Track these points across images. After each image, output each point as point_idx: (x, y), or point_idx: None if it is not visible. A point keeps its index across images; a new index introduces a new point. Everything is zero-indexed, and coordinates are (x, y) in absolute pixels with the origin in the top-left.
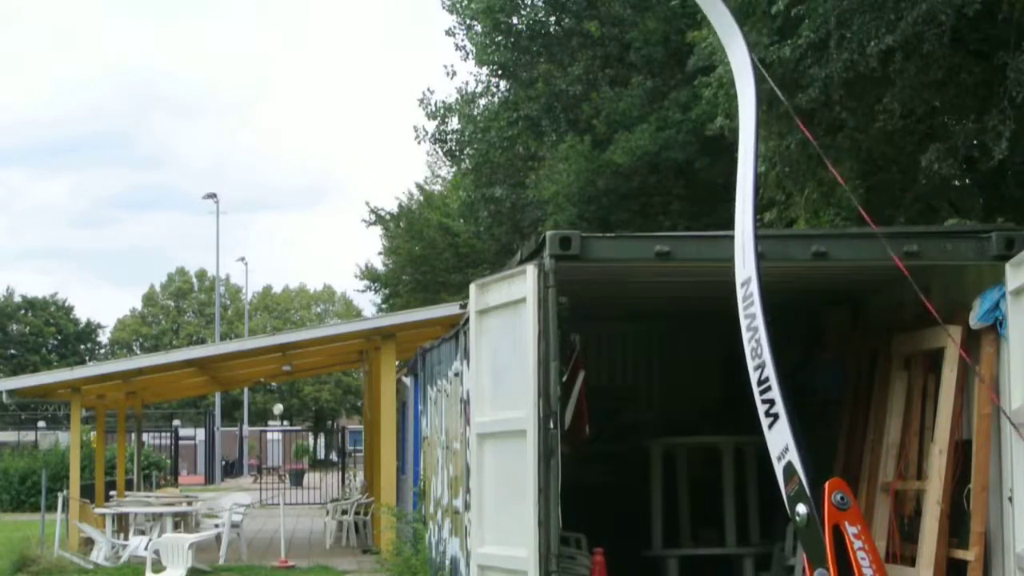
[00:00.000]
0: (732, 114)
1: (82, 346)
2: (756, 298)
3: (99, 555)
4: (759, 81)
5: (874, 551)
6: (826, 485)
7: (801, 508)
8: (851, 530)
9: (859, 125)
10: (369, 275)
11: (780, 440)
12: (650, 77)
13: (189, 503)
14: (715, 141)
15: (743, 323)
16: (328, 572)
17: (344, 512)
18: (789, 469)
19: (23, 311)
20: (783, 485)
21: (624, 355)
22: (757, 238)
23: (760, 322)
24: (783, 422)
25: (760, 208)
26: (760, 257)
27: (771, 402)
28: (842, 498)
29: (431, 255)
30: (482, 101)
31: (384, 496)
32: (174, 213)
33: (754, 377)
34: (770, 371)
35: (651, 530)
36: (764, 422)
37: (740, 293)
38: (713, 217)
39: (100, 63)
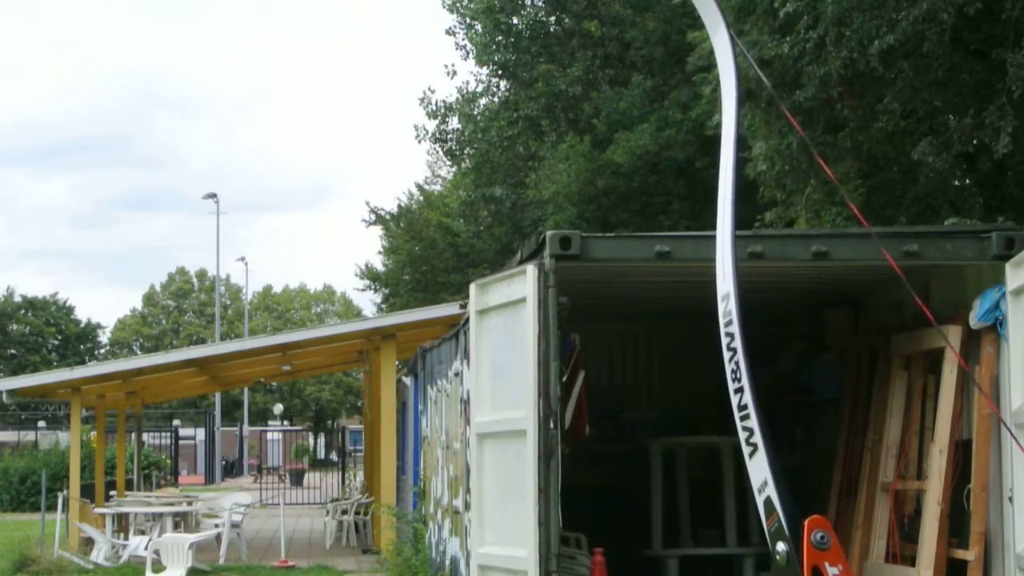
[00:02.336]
0: None
1: (82, 346)
2: (735, 317)
3: (99, 555)
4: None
5: None
6: (806, 523)
7: (780, 546)
8: (832, 571)
9: (859, 125)
10: (369, 275)
11: (760, 473)
12: (650, 77)
13: (189, 503)
14: (715, 140)
15: (723, 341)
16: (328, 572)
17: (344, 512)
18: (768, 505)
19: (23, 311)
20: (764, 519)
21: (624, 355)
22: (736, 248)
23: (739, 343)
24: (761, 454)
25: (760, 208)
26: (737, 271)
27: (750, 431)
28: (822, 537)
29: (431, 255)
30: (482, 101)
31: (384, 496)
32: (175, 213)
33: (734, 401)
34: (749, 398)
35: (651, 530)
36: (745, 450)
37: (720, 308)
38: (713, 217)
39: (101, 64)
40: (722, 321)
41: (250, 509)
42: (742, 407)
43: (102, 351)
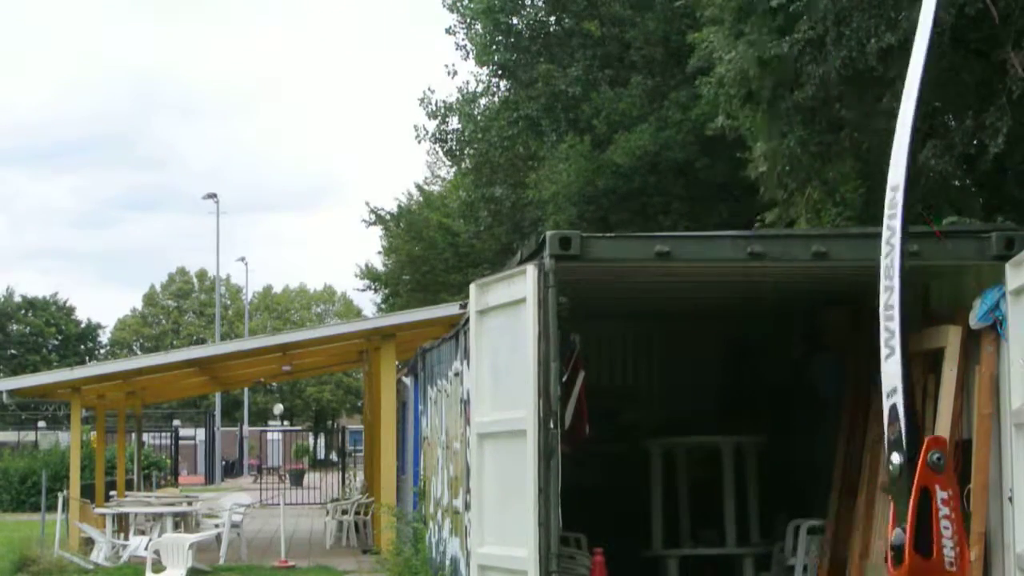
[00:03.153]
0: (732, 114)
1: (82, 346)
2: (899, 211)
3: (99, 555)
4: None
5: (960, 521)
6: (927, 440)
7: (896, 457)
8: (941, 495)
9: (859, 124)
10: (369, 275)
11: (892, 377)
12: (650, 77)
13: (189, 503)
14: (715, 141)
15: (884, 234)
16: (328, 572)
17: (344, 512)
18: (893, 412)
19: (23, 311)
20: (886, 426)
21: (624, 355)
22: (914, 142)
23: (898, 239)
24: (897, 359)
25: (759, 208)
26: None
27: (891, 332)
28: (939, 458)
29: (431, 255)
30: (482, 101)
31: (384, 496)
32: (175, 214)
33: (882, 299)
34: (896, 299)
35: (651, 530)
36: (883, 352)
37: (887, 198)
38: (713, 217)
39: (101, 64)
40: (887, 212)
41: (250, 509)
42: (888, 306)
43: (102, 351)
